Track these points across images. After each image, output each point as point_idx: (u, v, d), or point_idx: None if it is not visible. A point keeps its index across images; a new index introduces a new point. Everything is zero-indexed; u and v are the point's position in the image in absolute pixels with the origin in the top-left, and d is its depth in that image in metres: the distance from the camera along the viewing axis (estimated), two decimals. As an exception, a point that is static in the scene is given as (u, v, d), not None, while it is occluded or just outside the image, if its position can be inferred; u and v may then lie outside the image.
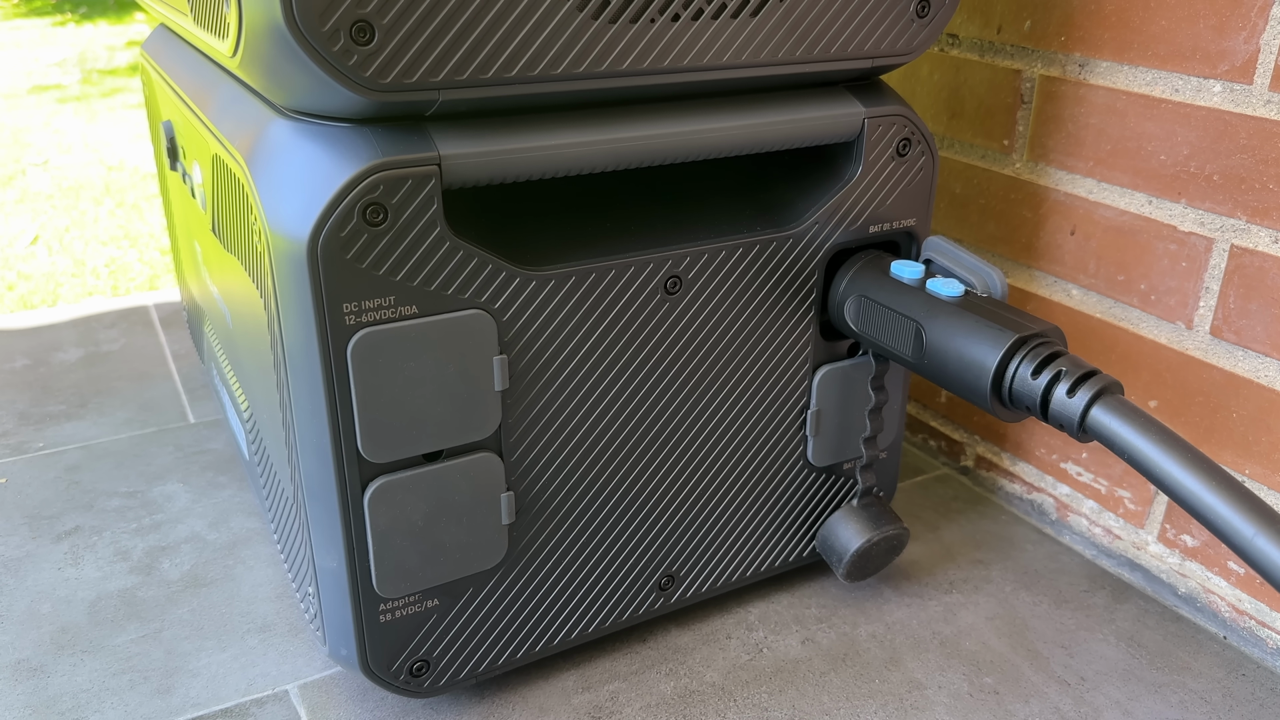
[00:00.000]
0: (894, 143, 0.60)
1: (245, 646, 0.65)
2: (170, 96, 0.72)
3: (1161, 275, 0.66)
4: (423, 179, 0.47)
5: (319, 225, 0.45)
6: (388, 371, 0.49)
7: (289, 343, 0.48)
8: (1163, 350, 0.67)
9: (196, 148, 0.63)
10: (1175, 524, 0.69)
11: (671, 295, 0.56)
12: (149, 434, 0.90)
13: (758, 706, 0.60)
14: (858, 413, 0.66)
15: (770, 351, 0.61)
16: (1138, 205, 0.67)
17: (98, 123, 2.64)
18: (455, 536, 0.54)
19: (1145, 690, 0.62)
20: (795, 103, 0.57)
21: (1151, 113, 0.65)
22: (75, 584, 0.71)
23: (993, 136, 0.77)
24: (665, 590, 0.63)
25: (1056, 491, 0.77)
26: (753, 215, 0.60)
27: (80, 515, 0.79)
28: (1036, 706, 0.60)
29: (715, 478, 0.62)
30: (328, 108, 0.46)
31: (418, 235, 0.47)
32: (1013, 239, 0.77)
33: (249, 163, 0.49)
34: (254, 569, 0.72)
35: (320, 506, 0.51)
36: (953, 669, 0.63)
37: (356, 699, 0.61)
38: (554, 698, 0.61)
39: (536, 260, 0.52)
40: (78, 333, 1.12)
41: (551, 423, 0.55)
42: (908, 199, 0.62)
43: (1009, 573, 0.72)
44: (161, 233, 1.77)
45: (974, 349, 0.52)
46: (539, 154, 0.49)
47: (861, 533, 0.65)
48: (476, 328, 0.50)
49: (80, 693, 0.61)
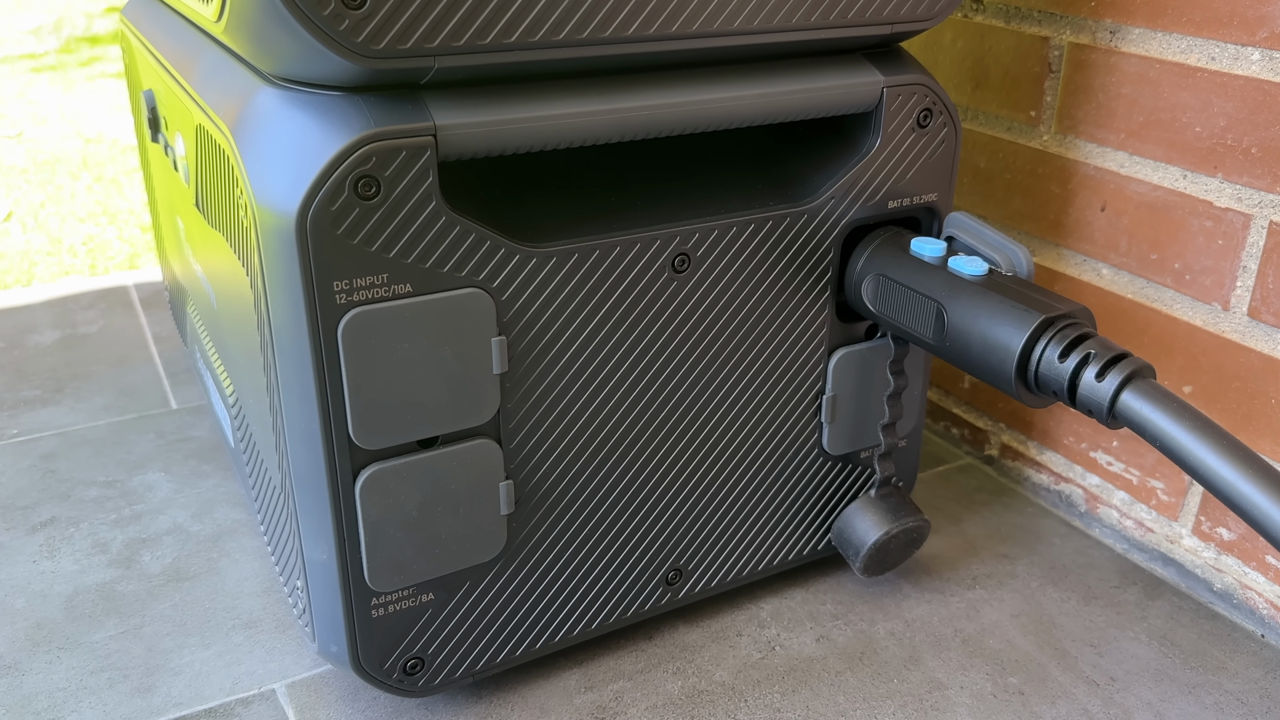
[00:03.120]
0: (914, 113, 0.60)
1: (230, 644, 0.65)
2: (152, 64, 0.72)
3: (1196, 254, 0.66)
4: (417, 150, 0.47)
5: (308, 199, 0.45)
6: (380, 353, 0.49)
7: (276, 323, 0.48)
8: (1197, 333, 0.67)
9: (179, 118, 0.63)
10: (1211, 516, 0.69)
11: (679, 274, 0.56)
12: (129, 420, 0.91)
13: (770, 707, 0.60)
14: (876, 398, 0.66)
15: (783, 334, 0.61)
16: (1172, 180, 0.67)
17: (75, 93, 2.64)
18: (451, 527, 0.54)
19: (1178, 691, 0.62)
20: (810, 71, 0.57)
21: (1186, 82, 0.65)
22: (51, 578, 0.71)
23: (1019, 107, 0.77)
24: (673, 585, 0.64)
25: (1085, 482, 0.77)
26: (765, 190, 0.60)
27: (56, 506, 0.79)
28: (1064, 708, 0.61)
29: (726, 467, 0.62)
30: (317, 75, 0.46)
31: (412, 209, 0.48)
32: (1040, 215, 0.76)
33: (234, 133, 0.49)
34: (239, 562, 0.73)
35: (309, 496, 0.52)
36: (975, 669, 0.64)
37: (347, 698, 0.61)
38: (555, 697, 0.61)
39: (537, 236, 0.52)
40: (54, 314, 1.12)
41: (553, 408, 0.55)
42: (929, 173, 0.62)
43: (1035, 567, 0.73)
44: (142, 208, 1.77)
45: (998, 330, 0.53)
46: (539, 124, 0.49)
47: (879, 525, 0.65)
48: (474, 307, 0.50)
49: (56, 692, 0.62)
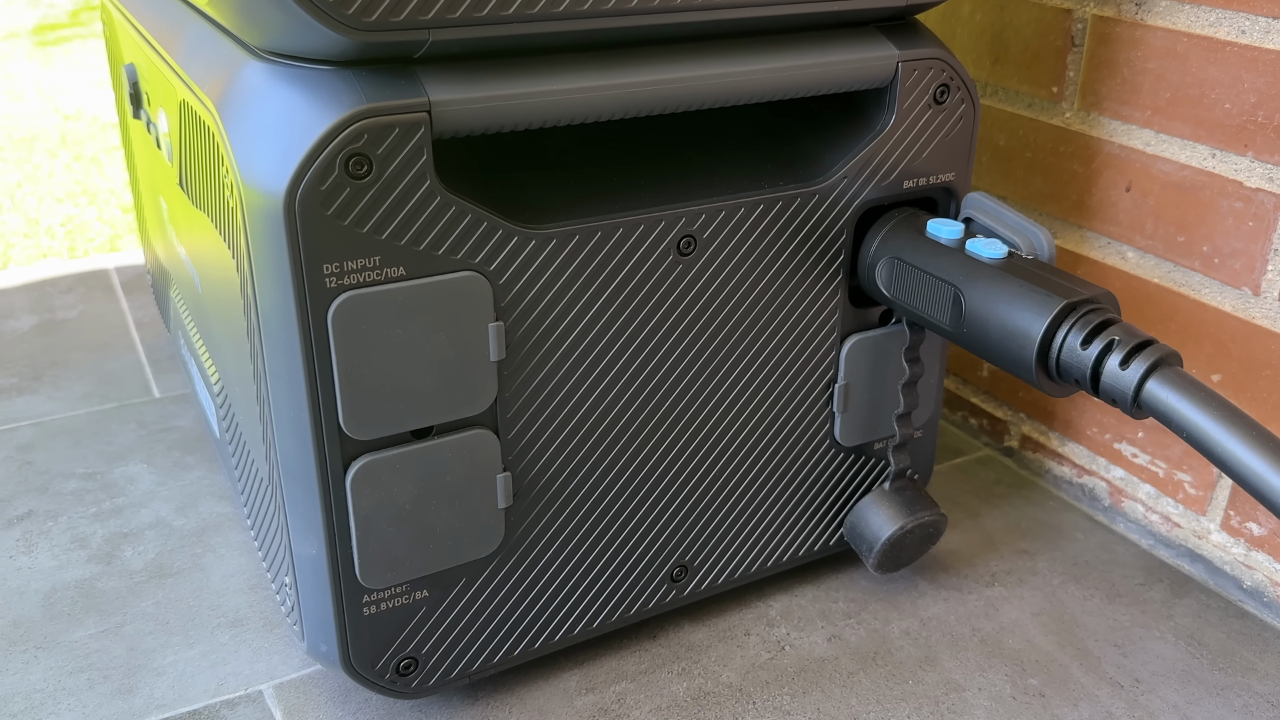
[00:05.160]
0: (931, 89, 0.59)
1: (215, 643, 0.66)
2: (133, 37, 0.72)
3: (1226, 236, 0.66)
4: (411, 127, 0.47)
5: (297, 178, 0.45)
6: (372, 339, 0.49)
7: (264, 308, 0.48)
8: (1227, 318, 0.67)
9: (162, 93, 0.63)
10: (1240, 510, 0.69)
11: (685, 257, 0.56)
12: (109, 410, 0.91)
13: (779, 710, 0.61)
14: (890, 387, 0.66)
15: (794, 319, 0.61)
16: (1200, 159, 0.67)
17: (53, 67, 2.63)
18: (446, 521, 0.54)
19: (1206, 693, 0.62)
20: (822, 44, 0.57)
21: (1215, 56, 0.65)
22: (28, 574, 0.71)
23: (1040, 83, 0.76)
24: (678, 582, 0.64)
25: (1109, 475, 0.77)
26: (774, 169, 0.60)
27: (34, 499, 0.79)
28: (1086, 711, 0.61)
29: (733, 459, 0.62)
30: (307, 48, 0.46)
31: (406, 189, 0.47)
32: (1062, 196, 0.76)
33: (220, 109, 0.49)
34: (225, 558, 0.73)
35: (298, 488, 0.52)
36: (994, 669, 0.64)
37: (337, 700, 0.61)
38: (555, 699, 0.61)
39: (536, 217, 0.52)
40: (31, 298, 1.12)
41: (553, 397, 0.55)
42: (946, 151, 0.61)
43: (1057, 564, 0.73)
44: (123, 188, 1.77)
45: (1018, 316, 0.52)
46: (539, 100, 0.49)
47: (894, 519, 0.65)
48: (470, 291, 0.50)
49: (34, 693, 0.62)
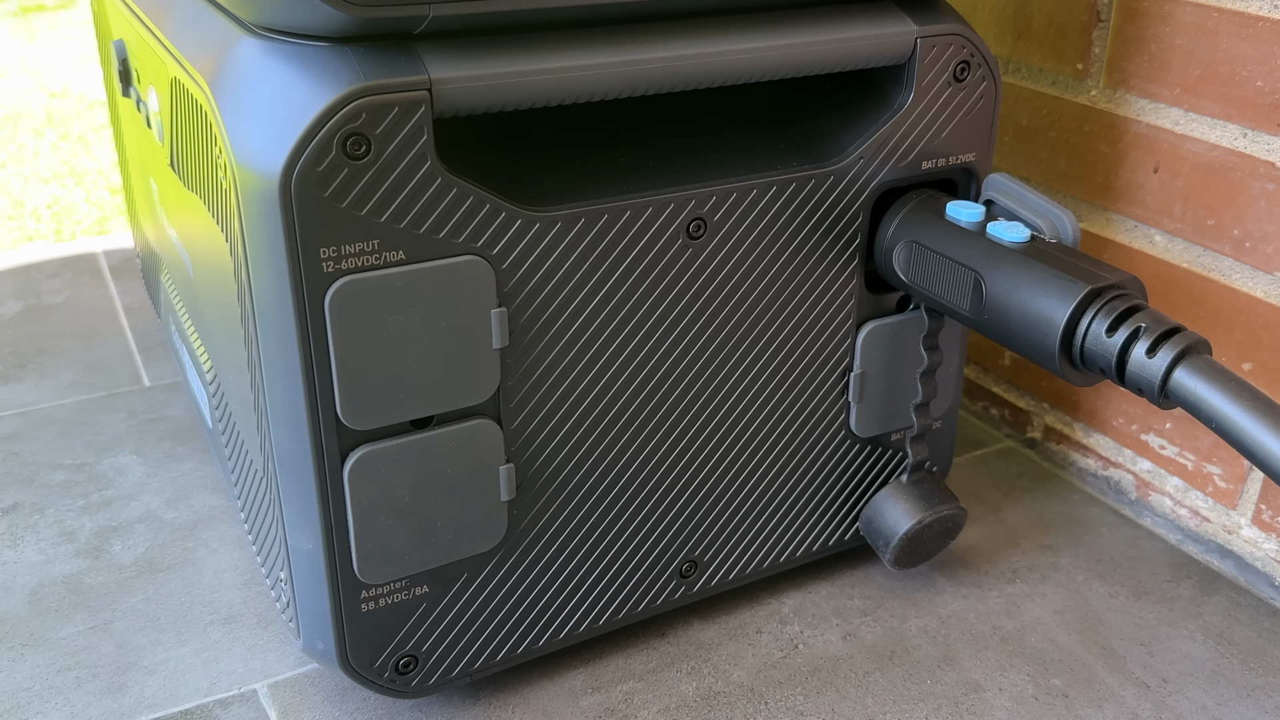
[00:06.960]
0: (950, 66, 0.59)
1: (208, 640, 0.66)
2: (123, 12, 0.72)
3: (1258, 219, 0.66)
4: (411, 106, 0.47)
5: (293, 158, 0.45)
6: (371, 325, 0.49)
7: (258, 293, 0.48)
8: (1258, 305, 0.67)
9: (153, 70, 0.63)
10: (1272, 504, 0.69)
11: (694, 240, 0.56)
12: (97, 399, 0.91)
13: (792, 710, 0.61)
14: (908, 376, 0.66)
15: (807, 305, 0.61)
16: (1231, 139, 0.67)
17: (38, 42, 2.63)
18: (447, 515, 0.54)
19: (1236, 694, 0.62)
20: (837, 20, 0.56)
21: (1247, 32, 0.65)
22: (14, 568, 0.72)
23: (1065, 60, 0.76)
24: (687, 578, 0.64)
25: (1136, 467, 0.77)
26: (788, 149, 0.60)
27: (20, 491, 0.79)
28: (1112, 712, 0.61)
29: (744, 450, 0.62)
30: (303, 24, 0.46)
31: (405, 170, 0.47)
32: (1087, 177, 0.76)
33: (213, 87, 0.49)
34: (217, 552, 0.73)
35: (294, 480, 0.52)
36: (1015, 669, 0.64)
37: (334, 700, 0.61)
38: (559, 699, 0.62)
39: (541, 200, 0.52)
40: (16, 283, 1.13)
41: (558, 385, 0.55)
42: (966, 131, 0.61)
43: (1081, 560, 0.73)
44: (112, 169, 1.77)
45: (1041, 302, 0.52)
46: (543, 78, 0.49)
47: (912, 513, 0.65)
48: (472, 276, 0.50)
49: (20, 691, 0.62)
